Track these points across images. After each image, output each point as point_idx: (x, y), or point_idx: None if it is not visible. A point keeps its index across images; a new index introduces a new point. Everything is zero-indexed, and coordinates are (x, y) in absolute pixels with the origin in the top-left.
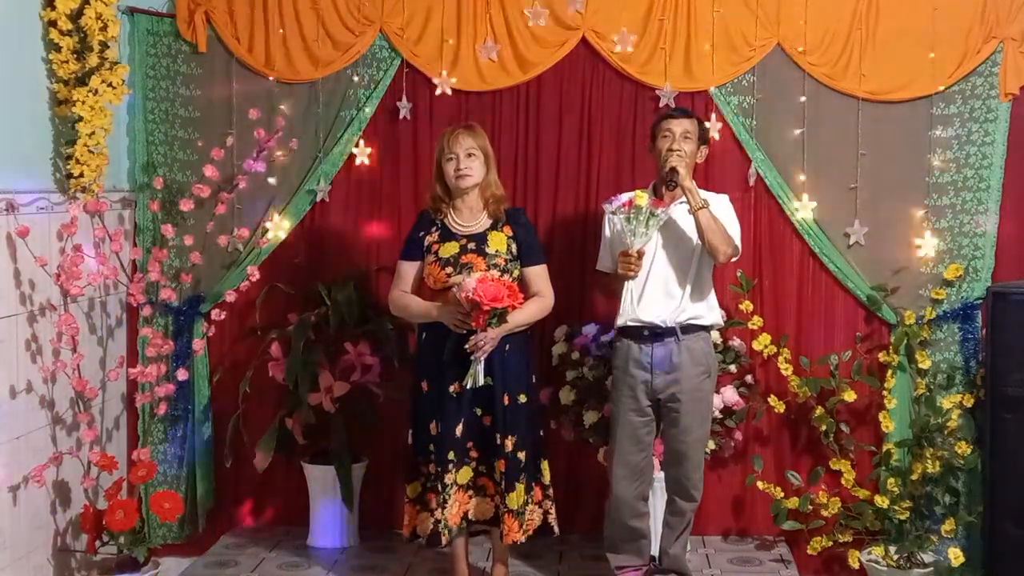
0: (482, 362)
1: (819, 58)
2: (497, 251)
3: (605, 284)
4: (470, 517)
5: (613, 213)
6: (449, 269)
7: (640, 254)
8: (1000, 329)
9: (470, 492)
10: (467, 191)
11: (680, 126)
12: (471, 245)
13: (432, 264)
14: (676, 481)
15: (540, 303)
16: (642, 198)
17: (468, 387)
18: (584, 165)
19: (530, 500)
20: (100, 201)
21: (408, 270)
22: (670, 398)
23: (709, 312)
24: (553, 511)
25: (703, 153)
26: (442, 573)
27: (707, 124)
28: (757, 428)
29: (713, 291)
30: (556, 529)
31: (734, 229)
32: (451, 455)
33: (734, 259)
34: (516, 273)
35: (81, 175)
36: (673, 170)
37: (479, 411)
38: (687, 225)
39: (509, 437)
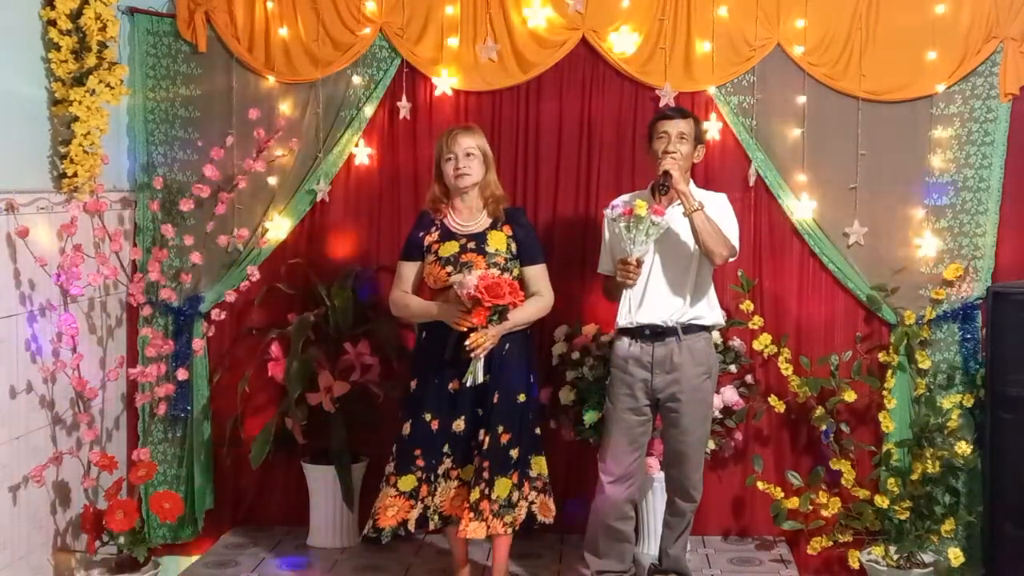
0: (482, 359)
1: (819, 58)
2: (497, 250)
3: (607, 287)
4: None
5: (614, 220)
6: (449, 268)
7: (639, 262)
8: (1000, 329)
9: (472, 491)
10: (466, 191)
11: (675, 127)
12: (471, 244)
13: (432, 264)
14: (676, 481)
15: (540, 302)
16: (642, 207)
17: (468, 384)
18: (584, 165)
19: (522, 496)
20: (100, 201)
21: (408, 270)
22: (670, 398)
23: (710, 312)
24: (540, 501)
25: (700, 153)
26: (442, 573)
27: (705, 124)
28: (757, 428)
29: (714, 291)
30: (540, 519)
31: (732, 229)
32: (446, 448)
33: (732, 259)
34: (516, 272)
35: (75, 175)
36: (666, 174)
37: (480, 411)
38: (685, 228)
39: (503, 435)
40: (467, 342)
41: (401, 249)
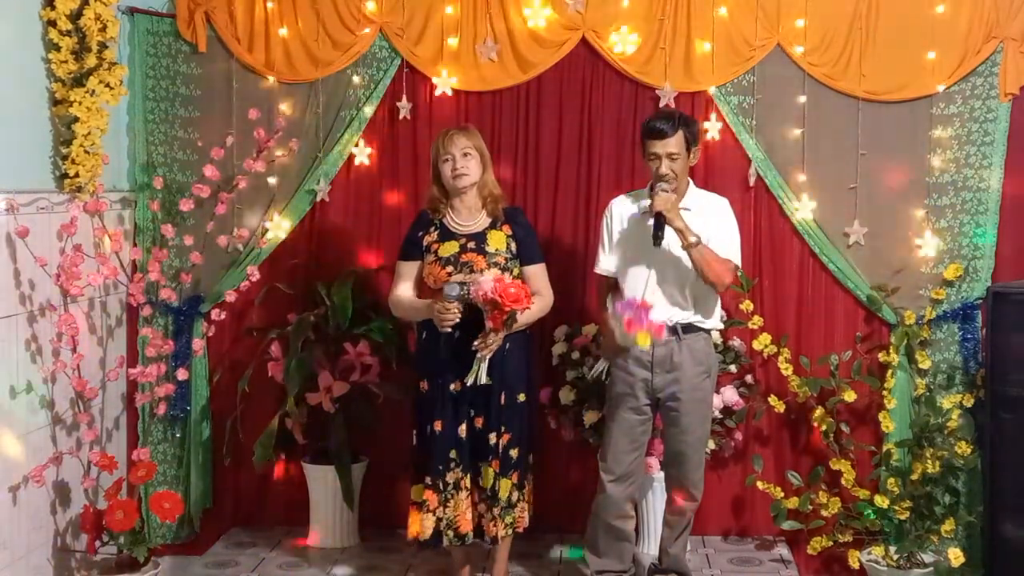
0: (487, 360)
1: (819, 58)
2: (497, 250)
3: (602, 288)
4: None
5: (614, 318)
6: (450, 268)
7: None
8: (1000, 329)
9: (465, 496)
10: (465, 191)
11: (664, 148)
12: (471, 244)
13: (432, 263)
14: (676, 481)
15: (541, 302)
16: (645, 342)
17: (469, 384)
18: (584, 165)
19: (522, 498)
20: (100, 201)
21: (407, 270)
22: (670, 397)
23: (709, 319)
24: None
25: (696, 155)
26: (442, 573)
27: (705, 124)
28: (757, 428)
29: (713, 299)
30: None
31: (733, 242)
32: (453, 454)
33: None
34: (516, 272)
35: (76, 175)
36: (659, 215)
37: (472, 412)
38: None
39: (504, 435)
40: (475, 343)
41: (400, 249)
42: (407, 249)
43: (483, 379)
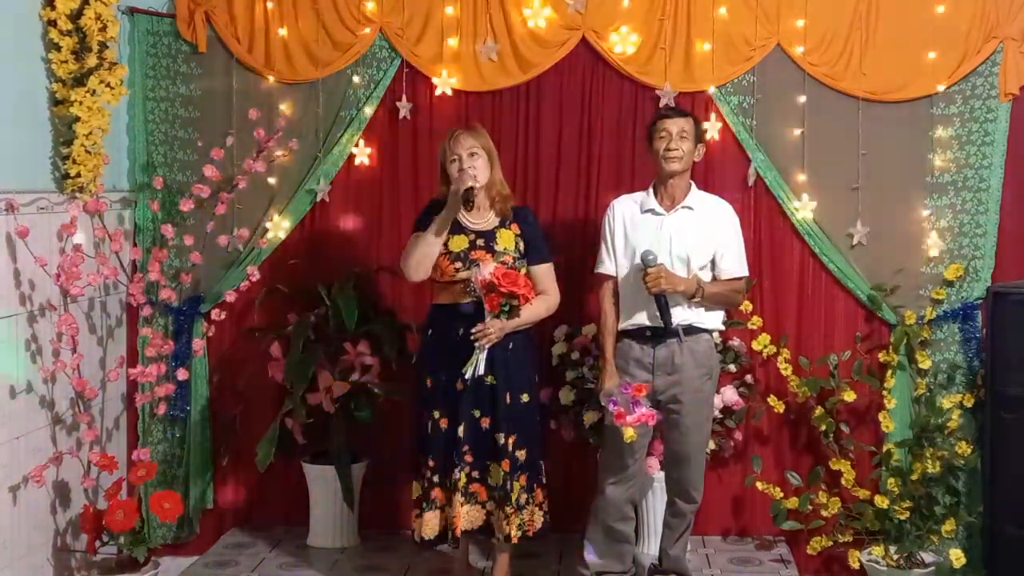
0: (486, 350)
1: (819, 58)
2: (505, 249)
3: (607, 288)
4: (462, 527)
5: (606, 395)
6: (458, 264)
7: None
8: (1000, 329)
9: (462, 499)
10: None
11: (676, 125)
12: (480, 241)
13: (442, 256)
14: (676, 483)
15: (547, 301)
16: (633, 437)
17: (467, 376)
18: (584, 165)
19: (532, 501)
20: (100, 201)
21: None
22: (671, 399)
23: (711, 319)
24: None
25: (700, 151)
26: (442, 573)
27: (705, 124)
28: (757, 428)
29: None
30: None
31: (740, 254)
32: (454, 455)
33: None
34: (523, 271)
35: (78, 175)
36: (658, 297)
37: (477, 413)
38: (688, 240)
39: (511, 436)
40: (473, 330)
41: (412, 226)
42: (421, 222)
43: (481, 370)
